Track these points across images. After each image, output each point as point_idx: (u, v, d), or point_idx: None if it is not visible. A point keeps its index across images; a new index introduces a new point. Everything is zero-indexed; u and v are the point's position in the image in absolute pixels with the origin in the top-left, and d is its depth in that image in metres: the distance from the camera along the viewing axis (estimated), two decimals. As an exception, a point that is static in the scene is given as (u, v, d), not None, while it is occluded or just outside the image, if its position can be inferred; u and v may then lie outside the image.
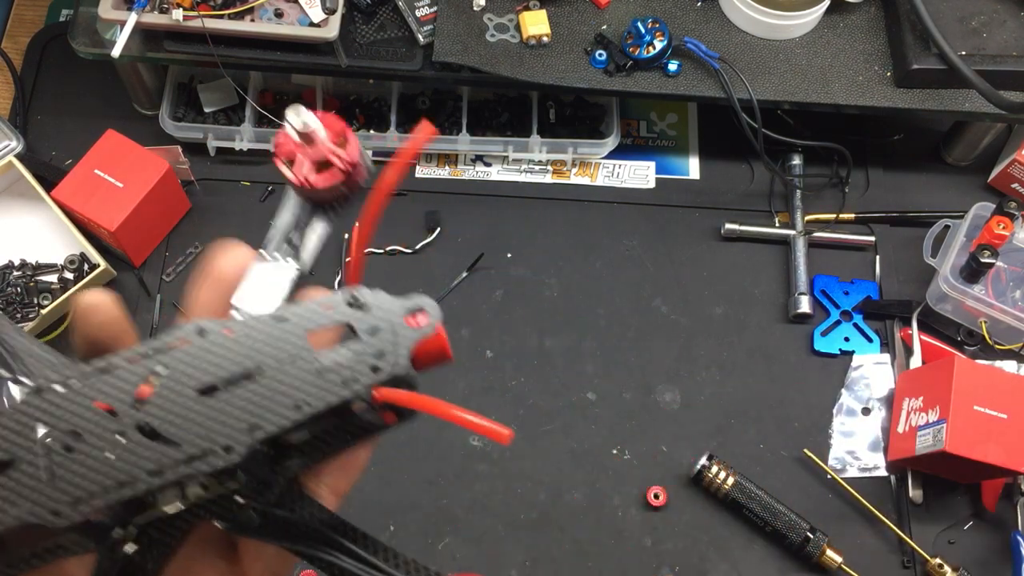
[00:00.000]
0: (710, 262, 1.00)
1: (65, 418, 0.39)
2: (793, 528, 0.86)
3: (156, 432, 0.38)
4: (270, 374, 0.40)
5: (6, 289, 0.92)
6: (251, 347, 0.40)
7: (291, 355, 0.40)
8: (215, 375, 0.39)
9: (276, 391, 0.39)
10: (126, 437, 0.38)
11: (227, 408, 0.39)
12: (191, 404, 0.39)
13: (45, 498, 0.38)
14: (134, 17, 0.87)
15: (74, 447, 0.38)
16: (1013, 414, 0.82)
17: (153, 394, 0.39)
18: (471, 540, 0.87)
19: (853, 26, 0.96)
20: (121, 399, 0.39)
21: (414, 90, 1.03)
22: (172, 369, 0.39)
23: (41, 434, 0.38)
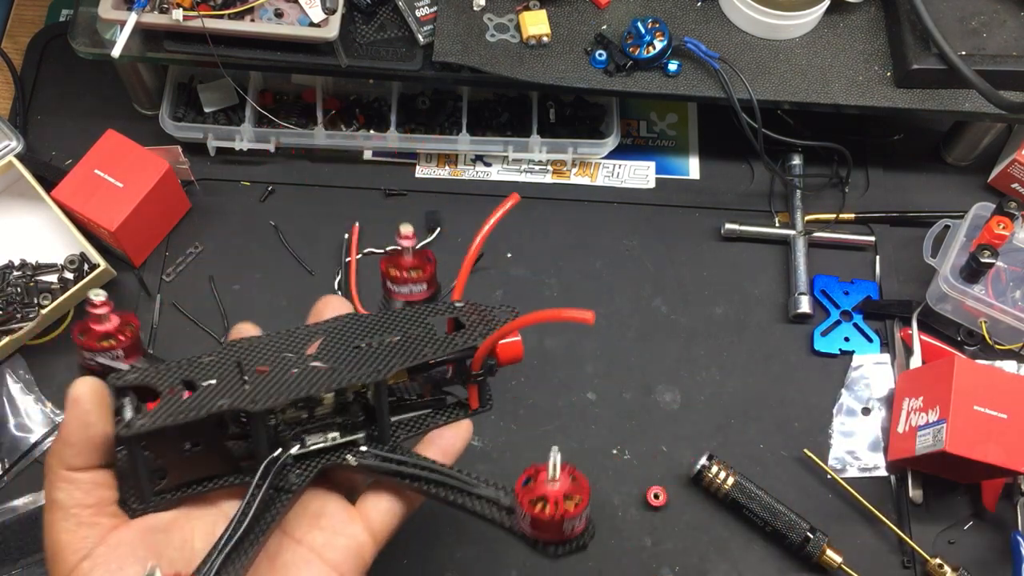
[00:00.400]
0: (710, 262, 1.00)
1: (256, 357, 0.56)
2: (793, 528, 0.86)
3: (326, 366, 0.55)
4: (408, 336, 0.58)
5: (6, 289, 0.92)
6: (392, 324, 0.59)
7: (422, 327, 0.59)
8: (368, 338, 0.58)
9: (413, 346, 0.58)
10: (303, 365, 0.55)
11: (377, 354, 0.57)
12: (351, 352, 0.57)
13: (244, 394, 0.53)
14: (134, 17, 0.87)
15: (265, 373, 0.54)
16: (1013, 414, 0.82)
17: (319, 346, 0.57)
18: (471, 540, 0.87)
19: (853, 26, 0.96)
20: (299, 348, 0.57)
21: (414, 90, 1.03)
22: (332, 334, 0.58)
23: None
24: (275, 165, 1.02)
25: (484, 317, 0.60)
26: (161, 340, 0.94)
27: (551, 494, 0.53)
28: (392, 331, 0.59)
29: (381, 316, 0.60)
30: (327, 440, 0.57)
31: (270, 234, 0.99)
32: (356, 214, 0.99)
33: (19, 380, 0.91)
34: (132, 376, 0.54)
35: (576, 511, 0.53)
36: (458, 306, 0.61)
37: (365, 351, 0.57)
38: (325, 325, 0.59)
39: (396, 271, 0.62)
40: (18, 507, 0.83)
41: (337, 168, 1.02)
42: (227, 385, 0.54)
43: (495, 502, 0.57)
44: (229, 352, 0.56)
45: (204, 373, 0.54)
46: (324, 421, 0.57)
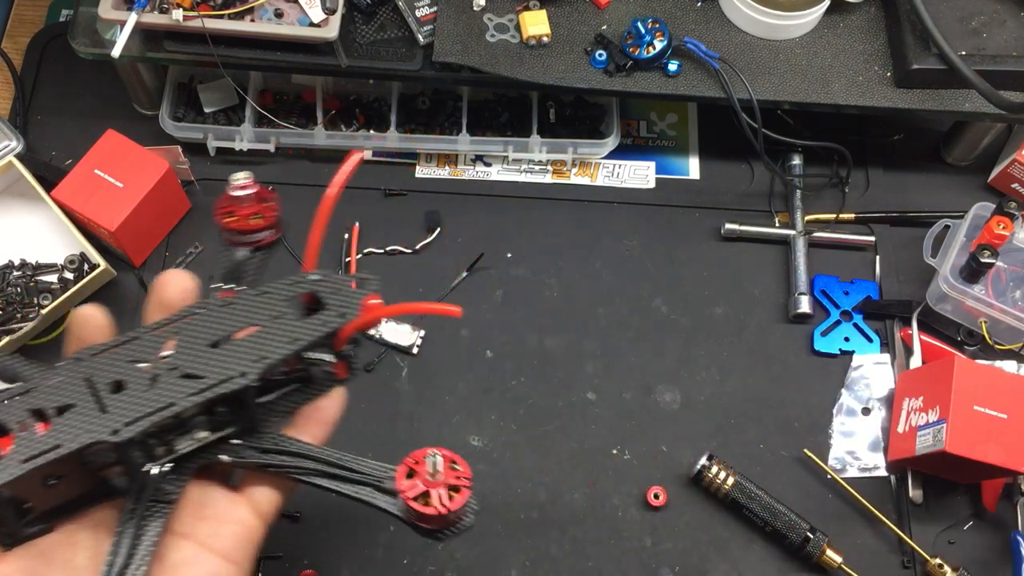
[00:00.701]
0: (710, 262, 1.00)
1: (108, 371, 0.51)
2: (793, 528, 0.86)
3: (186, 373, 0.51)
4: (266, 325, 0.53)
5: (6, 289, 0.92)
6: (247, 312, 0.54)
7: (280, 312, 0.54)
8: (222, 332, 0.53)
9: (272, 335, 0.53)
10: (161, 378, 0.51)
11: (237, 350, 0.52)
12: (208, 352, 0.52)
13: (103, 423, 0.49)
14: (134, 17, 0.87)
15: (121, 389, 0.50)
16: (1013, 414, 0.82)
17: (176, 348, 0.52)
18: (471, 540, 0.87)
19: (853, 26, 0.96)
20: (151, 354, 0.52)
21: (414, 90, 1.03)
22: (186, 333, 0.53)
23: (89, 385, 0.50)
24: (275, 165, 1.02)
25: (340, 291, 0.56)
26: (161, 340, 0.94)
27: (433, 488, 0.52)
28: (247, 319, 0.54)
29: (233, 303, 0.55)
30: (197, 441, 0.54)
31: (270, 234, 0.99)
32: (356, 214, 0.99)
33: (19, 380, 0.91)
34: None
35: (459, 503, 0.52)
36: (313, 279, 0.57)
37: (224, 351, 0.53)
38: (176, 324, 0.55)
39: (237, 220, 0.59)
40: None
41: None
42: (82, 413, 0.49)
43: (376, 486, 0.55)
44: (76, 369, 0.51)
45: (53, 397, 0.50)
46: (191, 422, 0.54)
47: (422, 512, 0.52)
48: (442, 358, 0.94)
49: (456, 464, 0.53)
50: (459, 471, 0.53)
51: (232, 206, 0.59)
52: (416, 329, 0.94)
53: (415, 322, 0.95)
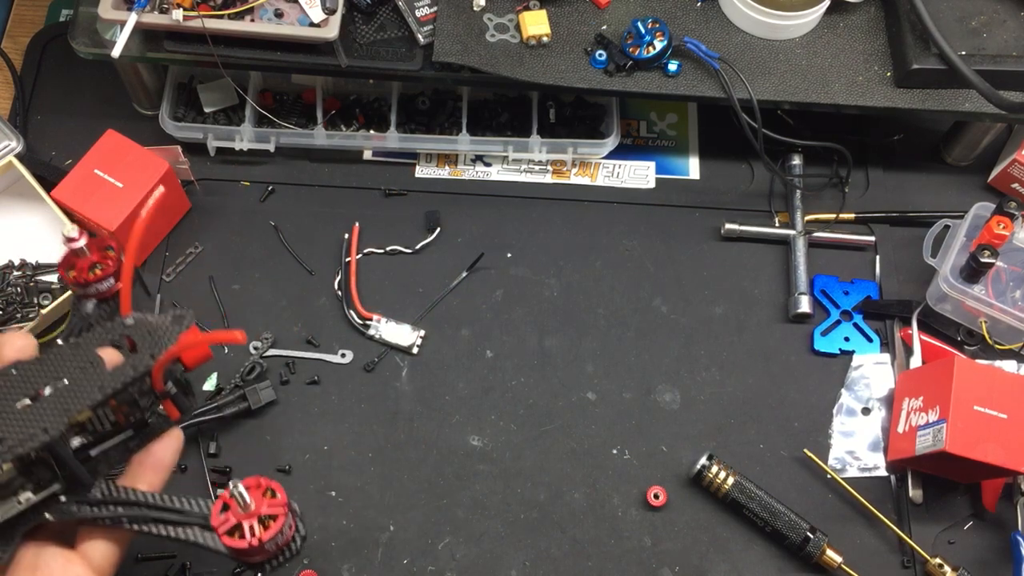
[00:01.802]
0: (710, 262, 1.00)
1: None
2: (793, 528, 0.86)
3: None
4: (74, 378, 0.53)
5: (6, 289, 0.92)
6: (55, 365, 0.53)
7: (89, 363, 0.53)
8: (29, 389, 0.52)
9: (81, 386, 0.52)
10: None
11: (43, 407, 0.52)
12: (14, 413, 0.51)
13: None
14: (134, 17, 0.87)
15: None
16: (1013, 414, 0.82)
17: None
18: (471, 540, 0.87)
19: (853, 26, 0.96)
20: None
21: (414, 90, 1.03)
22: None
23: None
24: (275, 165, 1.02)
25: (153, 332, 0.55)
26: (161, 340, 0.94)
27: (246, 520, 0.52)
28: (58, 374, 0.54)
29: (43, 359, 0.55)
30: (22, 503, 0.53)
31: (270, 234, 0.99)
32: (356, 214, 0.99)
33: (19, 380, 0.91)
34: None
35: (273, 530, 0.52)
36: (128, 324, 0.56)
37: (31, 409, 0.52)
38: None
39: (76, 273, 0.59)
40: (18, 507, 0.82)
41: (337, 168, 1.02)
42: None
43: (203, 525, 0.55)
44: None
45: None
46: (12, 486, 0.54)
47: (235, 546, 0.52)
48: (442, 358, 0.94)
49: (275, 492, 0.53)
50: (276, 499, 0.53)
51: (72, 259, 0.59)
52: (416, 329, 0.94)
53: (415, 322, 0.95)
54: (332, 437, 0.90)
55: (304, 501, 0.87)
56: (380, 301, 0.96)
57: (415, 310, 0.96)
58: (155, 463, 0.58)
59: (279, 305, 0.96)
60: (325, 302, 0.96)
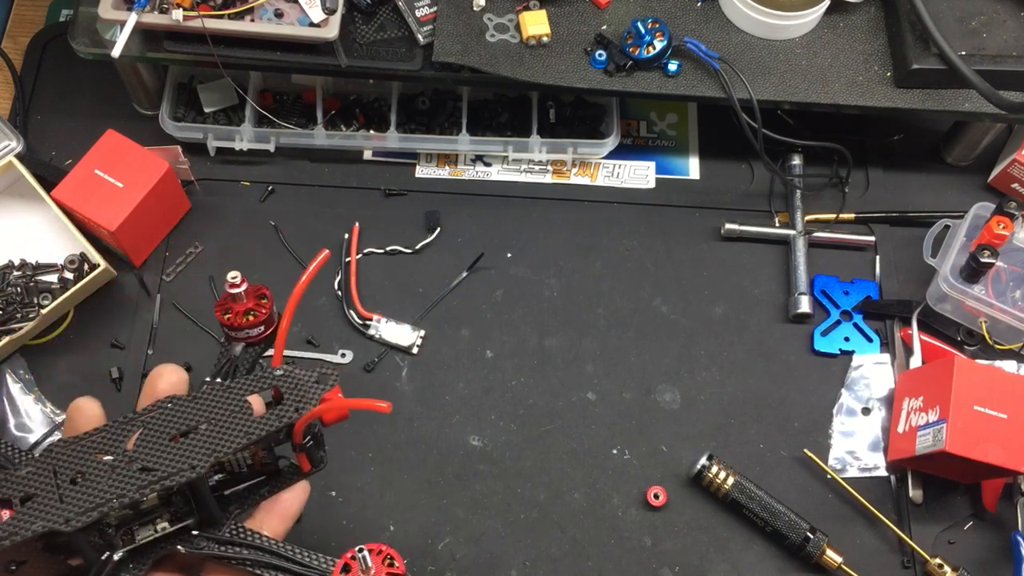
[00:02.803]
0: (710, 262, 1.00)
1: (73, 463, 0.54)
2: (793, 528, 0.86)
3: (143, 467, 0.54)
4: (223, 420, 0.56)
5: (6, 289, 0.92)
6: (207, 406, 0.57)
7: (238, 408, 0.57)
8: (181, 426, 0.56)
9: (228, 430, 0.56)
10: (118, 470, 0.54)
11: (192, 444, 0.55)
12: (166, 446, 0.55)
13: (58, 512, 0.52)
14: (134, 17, 0.87)
15: (79, 481, 0.53)
16: (1013, 414, 0.82)
17: (137, 442, 0.55)
18: (471, 540, 0.87)
19: (853, 26, 0.96)
20: (114, 447, 0.55)
21: (414, 90, 1.03)
22: (150, 426, 0.56)
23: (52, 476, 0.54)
24: (275, 165, 1.02)
25: (300, 387, 0.59)
26: (161, 340, 0.94)
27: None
28: (209, 414, 0.57)
29: (198, 399, 0.58)
30: (157, 531, 0.57)
31: (270, 234, 0.99)
32: (356, 214, 0.99)
33: (19, 380, 0.91)
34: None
35: None
36: (277, 375, 0.60)
37: (181, 444, 0.56)
38: (143, 416, 0.58)
39: (231, 316, 0.63)
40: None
41: (337, 168, 1.02)
42: (42, 503, 0.53)
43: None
44: (46, 462, 0.55)
45: (21, 487, 0.54)
46: (152, 515, 0.57)
47: None
48: (442, 358, 0.94)
49: (393, 560, 0.55)
50: (395, 568, 0.55)
51: (229, 303, 0.63)
52: (416, 329, 0.94)
53: (415, 322, 0.95)
54: (332, 437, 0.90)
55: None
56: (380, 301, 0.96)
57: (415, 310, 0.96)
58: (282, 511, 0.60)
59: (279, 305, 0.95)
60: (325, 302, 0.96)
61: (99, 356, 0.93)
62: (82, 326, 0.94)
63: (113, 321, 0.94)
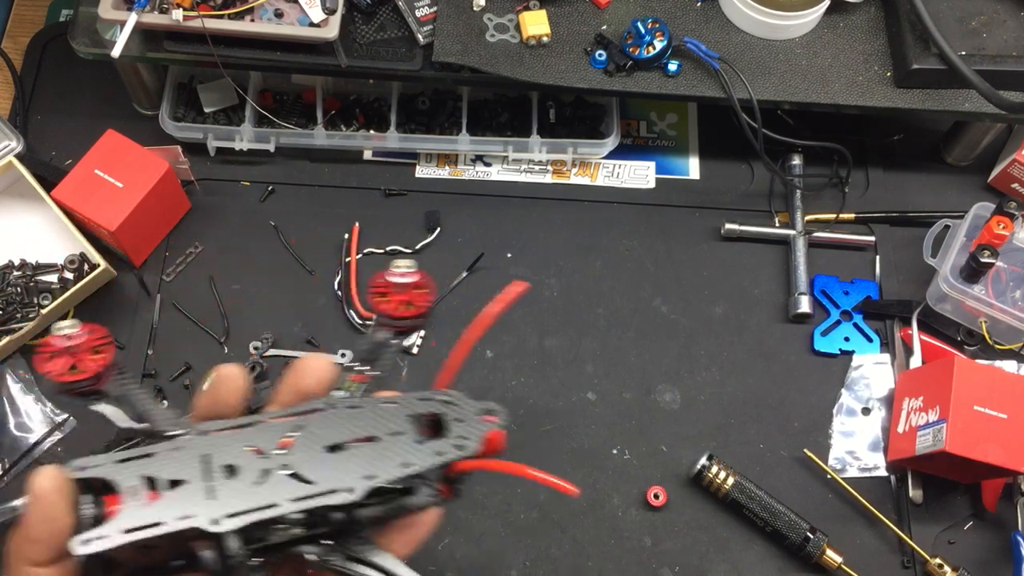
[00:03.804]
0: (710, 262, 1.00)
1: (225, 453, 0.52)
2: (793, 528, 0.86)
3: (297, 474, 0.51)
4: (383, 441, 0.54)
5: (6, 289, 0.92)
6: (370, 421, 0.54)
7: (399, 430, 0.54)
8: (341, 437, 0.53)
9: (387, 453, 0.54)
10: (272, 474, 0.51)
11: (350, 462, 0.53)
12: (323, 456, 0.52)
13: (206, 510, 0.49)
14: (134, 17, 0.87)
15: (233, 475, 0.51)
16: (1013, 414, 0.82)
17: (293, 445, 0.53)
18: (471, 540, 0.87)
19: (853, 26, 0.96)
20: (268, 445, 0.52)
21: (414, 90, 1.03)
22: (307, 431, 0.53)
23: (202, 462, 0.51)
24: (275, 165, 1.02)
25: (466, 420, 0.57)
26: (161, 340, 0.94)
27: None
28: (368, 429, 0.55)
29: (360, 409, 0.56)
30: (290, 535, 0.54)
31: (270, 234, 0.99)
32: (356, 214, 0.99)
33: (19, 380, 0.91)
34: (94, 469, 0.52)
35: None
36: (442, 399, 0.58)
37: (338, 459, 0.54)
38: (301, 417, 0.55)
39: (387, 305, 0.60)
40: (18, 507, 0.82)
41: (337, 168, 1.02)
42: (190, 494, 0.51)
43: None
44: (197, 444, 0.53)
45: (168, 469, 0.51)
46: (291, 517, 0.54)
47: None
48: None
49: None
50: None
51: (388, 289, 0.60)
52: (416, 329, 0.94)
53: (415, 322, 0.95)
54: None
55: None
56: (380, 301, 0.96)
57: (415, 310, 0.96)
58: (412, 534, 0.58)
59: (279, 305, 0.96)
60: (325, 302, 0.96)
61: (99, 356, 0.93)
62: (82, 326, 0.94)
63: (113, 321, 0.94)
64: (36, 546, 0.50)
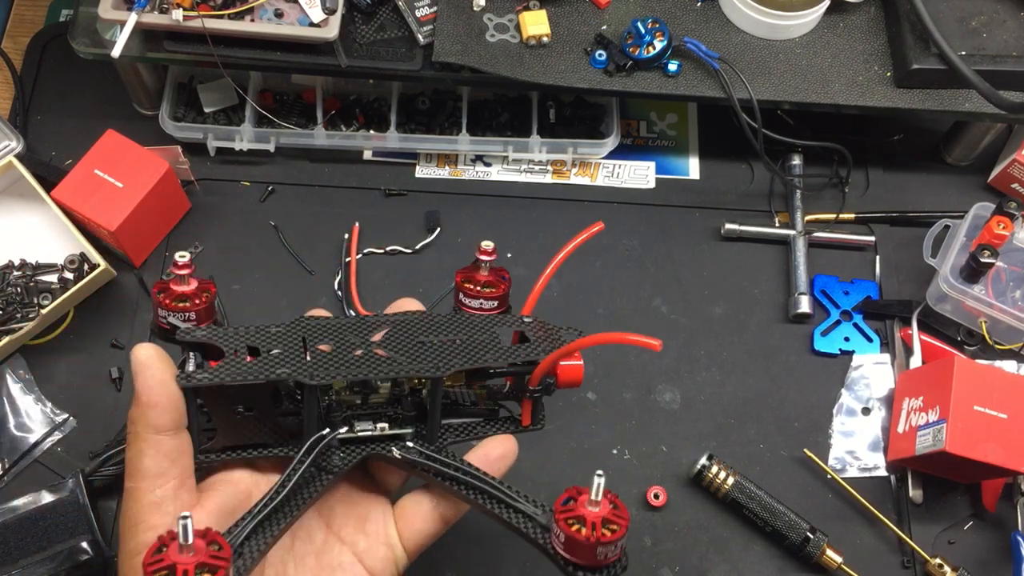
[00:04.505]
0: (710, 262, 1.00)
1: (322, 336, 0.57)
2: (793, 528, 0.86)
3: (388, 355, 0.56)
4: (477, 341, 0.59)
5: (6, 289, 0.92)
6: (457, 325, 0.61)
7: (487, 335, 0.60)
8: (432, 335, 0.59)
9: (476, 350, 0.58)
10: (365, 352, 0.56)
11: (439, 352, 0.58)
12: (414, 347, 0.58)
13: (301, 368, 0.54)
14: (134, 17, 0.87)
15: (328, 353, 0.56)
16: (1013, 414, 0.82)
17: (385, 336, 0.59)
18: (471, 540, 0.87)
19: (853, 26, 0.96)
20: (364, 334, 0.58)
21: (414, 90, 1.03)
22: (399, 326, 0.60)
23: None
24: (275, 165, 1.02)
25: (549, 334, 0.61)
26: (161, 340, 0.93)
27: (589, 516, 0.52)
28: (458, 333, 0.60)
29: (450, 317, 0.61)
30: (376, 429, 0.58)
31: (270, 234, 0.99)
32: (356, 214, 0.99)
33: (19, 380, 0.91)
34: (200, 333, 0.56)
35: (612, 537, 0.52)
36: (526, 321, 0.62)
37: (428, 347, 0.58)
38: (394, 316, 0.60)
39: (470, 285, 0.64)
40: (18, 507, 0.82)
41: (337, 168, 1.02)
42: (289, 356, 0.55)
43: (532, 518, 0.57)
44: (297, 327, 0.58)
45: (270, 342, 0.56)
46: (376, 410, 0.58)
47: (573, 538, 0.52)
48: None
49: (618, 505, 0.54)
50: (619, 511, 0.53)
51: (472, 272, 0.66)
52: (416, 329, 0.94)
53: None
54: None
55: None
56: (380, 301, 0.96)
57: (415, 310, 0.96)
58: (492, 460, 0.60)
59: (279, 305, 0.96)
60: (325, 302, 0.96)
61: (99, 356, 0.93)
62: (82, 326, 0.94)
63: (113, 321, 0.94)
64: (156, 410, 0.53)
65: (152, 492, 0.52)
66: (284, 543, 0.56)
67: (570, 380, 0.61)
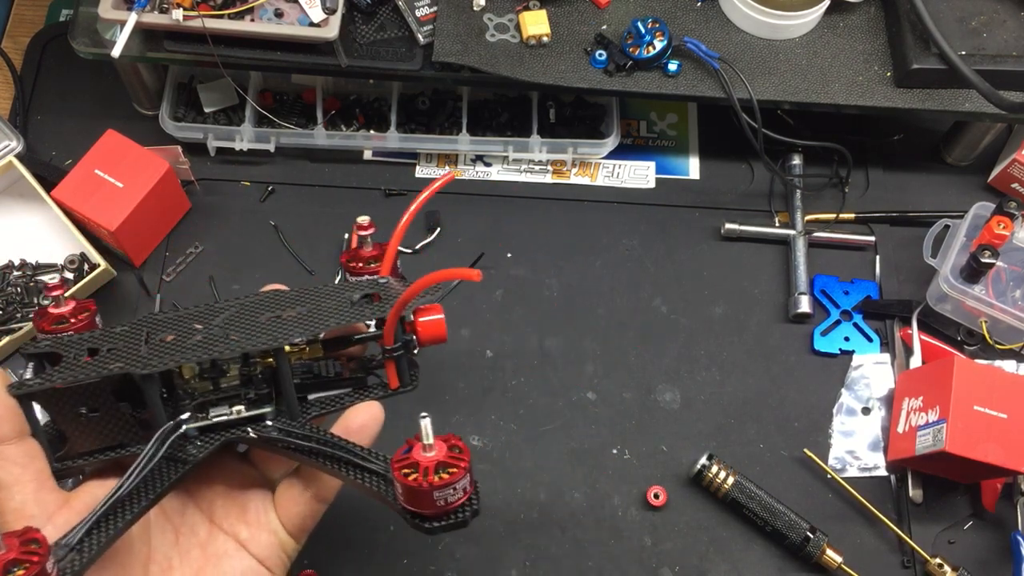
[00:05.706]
0: (710, 262, 1.00)
1: (164, 328, 0.57)
2: (793, 528, 0.86)
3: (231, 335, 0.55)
4: (319, 309, 0.58)
5: (6, 289, 0.92)
6: (309, 297, 0.59)
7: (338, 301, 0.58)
8: (277, 310, 0.58)
9: (322, 314, 0.57)
10: (207, 337, 0.55)
11: (284, 324, 0.56)
12: (259, 323, 0.57)
13: (137, 360, 0.53)
14: (134, 17, 0.87)
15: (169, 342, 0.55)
16: (1013, 414, 0.82)
17: (230, 317, 0.57)
18: (471, 540, 0.87)
19: (853, 26, 0.96)
20: (208, 320, 0.57)
21: (414, 90, 1.03)
22: (247, 307, 0.58)
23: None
24: (275, 165, 1.02)
25: (397, 292, 0.59)
26: (161, 340, 0.94)
27: (423, 462, 0.51)
28: (307, 304, 0.58)
29: (299, 291, 0.60)
30: (232, 413, 0.56)
31: (270, 234, 0.99)
32: (356, 214, 0.98)
33: (19, 380, 0.91)
34: (43, 344, 0.57)
35: (448, 480, 0.51)
36: (380, 282, 0.60)
37: (274, 322, 0.57)
38: (242, 299, 0.59)
39: (355, 263, 0.62)
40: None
41: (337, 168, 1.02)
42: (124, 351, 0.55)
43: (383, 476, 0.55)
44: (141, 324, 0.58)
45: (111, 342, 0.56)
46: (230, 394, 0.57)
47: (405, 485, 0.51)
48: (442, 358, 0.94)
49: (460, 449, 0.53)
50: (458, 455, 0.52)
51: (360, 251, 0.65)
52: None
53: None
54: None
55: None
56: (380, 301, 0.96)
57: (415, 310, 0.96)
58: (357, 427, 0.59)
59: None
60: (325, 302, 0.96)
61: (99, 356, 0.93)
62: (82, 326, 0.94)
63: (113, 321, 0.94)
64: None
65: (12, 499, 0.53)
66: (168, 539, 0.57)
67: (432, 336, 0.59)
